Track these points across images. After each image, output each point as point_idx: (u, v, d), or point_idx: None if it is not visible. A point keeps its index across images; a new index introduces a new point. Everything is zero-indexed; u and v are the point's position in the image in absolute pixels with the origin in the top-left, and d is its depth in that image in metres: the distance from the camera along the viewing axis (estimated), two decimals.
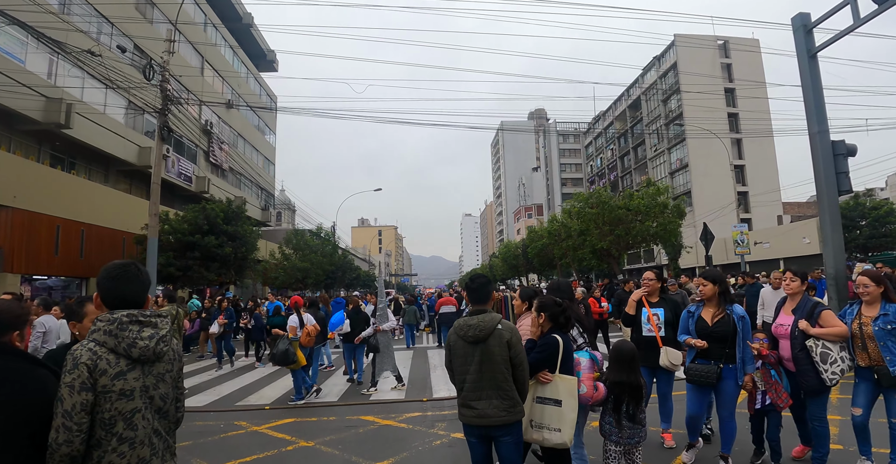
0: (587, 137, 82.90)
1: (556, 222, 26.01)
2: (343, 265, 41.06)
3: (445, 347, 3.29)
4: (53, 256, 16.48)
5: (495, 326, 3.08)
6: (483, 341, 3.07)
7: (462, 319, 3.21)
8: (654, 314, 4.94)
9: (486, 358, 3.06)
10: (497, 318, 3.13)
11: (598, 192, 21.96)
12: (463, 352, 3.13)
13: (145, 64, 15.39)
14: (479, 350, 3.07)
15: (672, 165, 56.65)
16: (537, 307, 3.48)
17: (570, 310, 3.50)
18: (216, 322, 11.68)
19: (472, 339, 3.08)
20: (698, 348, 4.23)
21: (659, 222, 19.68)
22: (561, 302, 3.48)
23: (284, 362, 7.82)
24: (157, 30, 26.02)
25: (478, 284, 3.31)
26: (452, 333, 3.22)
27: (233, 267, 18.96)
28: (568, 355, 3.37)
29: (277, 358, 7.74)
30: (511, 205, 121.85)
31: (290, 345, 7.86)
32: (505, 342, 3.07)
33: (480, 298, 3.28)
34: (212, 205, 18.52)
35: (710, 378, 4.12)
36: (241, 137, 38.39)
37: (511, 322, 3.42)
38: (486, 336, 3.06)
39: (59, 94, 18.85)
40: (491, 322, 3.09)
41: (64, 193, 17.15)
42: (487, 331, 3.06)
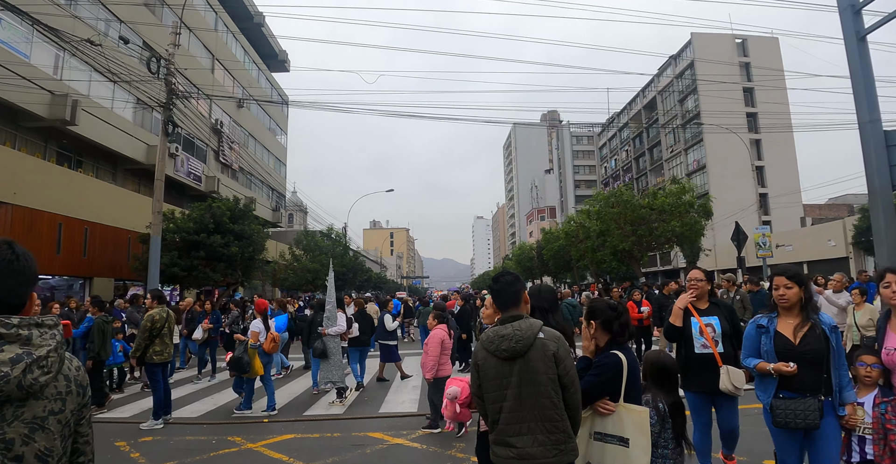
0: (601, 139, 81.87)
1: (574, 223, 25.15)
2: (354, 267, 40.45)
3: (472, 367, 2.53)
4: (55, 254, 15.97)
5: (536, 334, 2.34)
6: (522, 356, 2.33)
7: (491, 330, 2.45)
8: (708, 325, 3.91)
9: (528, 378, 2.32)
10: (537, 325, 2.39)
11: (619, 190, 21.04)
12: (496, 372, 2.37)
13: (149, 57, 14.87)
14: (516, 368, 2.33)
15: (689, 166, 55.54)
16: (587, 314, 2.72)
17: (626, 315, 2.72)
18: (200, 327, 10.74)
19: (508, 354, 2.34)
20: (786, 373, 3.01)
21: (684, 222, 18.74)
22: (616, 305, 2.71)
23: (238, 370, 7.20)
24: (168, 29, 25.61)
25: (503, 282, 2.55)
26: (480, 350, 2.46)
27: (239, 267, 18.33)
28: (635, 378, 2.60)
29: (232, 365, 7.17)
30: (523, 207, 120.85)
31: (245, 352, 7.23)
32: (550, 356, 2.32)
33: (508, 299, 2.53)
34: (218, 203, 17.93)
35: (812, 418, 2.95)
36: (252, 137, 37.99)
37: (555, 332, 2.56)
38: (525, 349, 2.32)
39: (64, 90, 18.43)
40: (529, 330, 2.35)
41: (67, 190, 16.65)
42: (526, 342, 2.32)
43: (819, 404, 2.97)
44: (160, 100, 15.15)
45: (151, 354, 6.73)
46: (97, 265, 17.95)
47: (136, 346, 6.74)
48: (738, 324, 3.95)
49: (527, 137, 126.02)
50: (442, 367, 6.18)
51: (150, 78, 15.99)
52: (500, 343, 2.35)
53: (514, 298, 2.52)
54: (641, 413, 2.53)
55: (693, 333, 3.93)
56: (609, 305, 2.69)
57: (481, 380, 2.43)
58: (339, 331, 8.04)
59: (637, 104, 67.25)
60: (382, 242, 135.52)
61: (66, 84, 18.88)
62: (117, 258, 18.75)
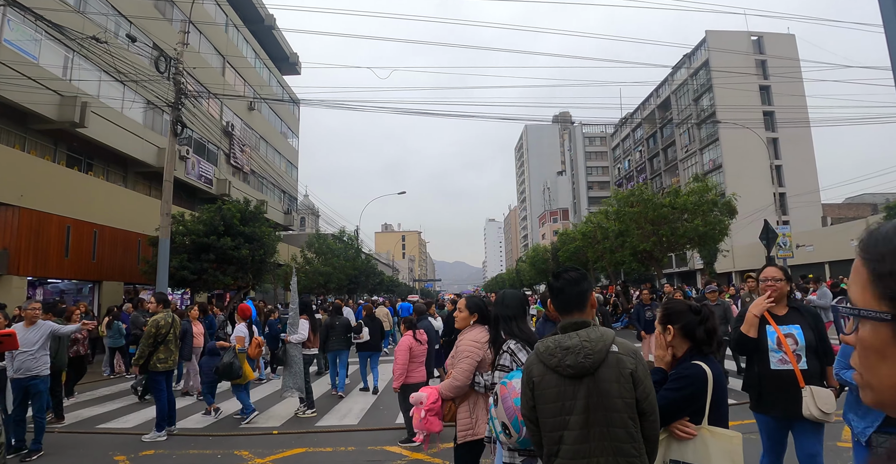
0: (614, 139, 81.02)
1: (591, 223, 24.53)
2: (367, 270, 40.08)
3: (523, 385, 2.03)
4: (63, 258, 15.69)
5: (608, 347, 1.86)
6: (591, 374, 1.84)
7: (551, 340, 1.96)
8: (788, 335, 3.15)
9: (598, 402, 1.83)
10: (609, 335, 1.90)
11: (638, 188, 20.41)
12: (556, 393, 1.88)
13: (157, 55, 14.58)
14: (583, 390, 1.85)
15: (705, 165, 54.65)
16: (662, 317, 2.23)
17: (712, 319, 2.20)
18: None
19: (573, 371, 1.86)
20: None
21: (708, 221, 18.05)
22: (699, 308, 2.20)
23: (228, 377, 6.89)
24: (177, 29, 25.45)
25: (567, 280, 2.06)
26: (535, 363, 1.98)
27: (250, 270, 17.96)
28: (722, 395, 2.09)
29: (221, 371, 6.83)
30: (536, 209, 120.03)
31: (236, 357, 6.91)
32: (628, 375, 1.83)
33: (572, 301, 2.03)
34: (228, 205, 17.57)
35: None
36: (264, 140, 37.81)
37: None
38: (595, 365, 1.84)
39: (73, 92, 18.24)
40: (601, 342, 1.87)
41: (75, 193, 16.39)
42: (598, 356, 1.84)
43: None
44: (169, 100, 14.84)
45: (155, 361, 6.31)
46: (107, 269, 17.67)
47: (139, 353, 6.32)
48: (824, 334, 3.22)
49: (538, 138, 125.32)
50: (411, 374, 5.90)
51: (159, 78, 15.70)
52: (564, 357, 1.86)
53: (578, 299, 2.02)
54: (731, 439, 2.02)
55: (769, 346, 3.17)
56: (691, 306, 2.18)
57: (536, 401, 1.92)
58: (301, 339, 7.66)
59: (651, 104, 66.43)
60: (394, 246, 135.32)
61: (75, 86, 18.70)
62: (127, 261, 18.47)
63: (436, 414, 3.36)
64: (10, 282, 13.75)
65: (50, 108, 17.44)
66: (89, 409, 8.29)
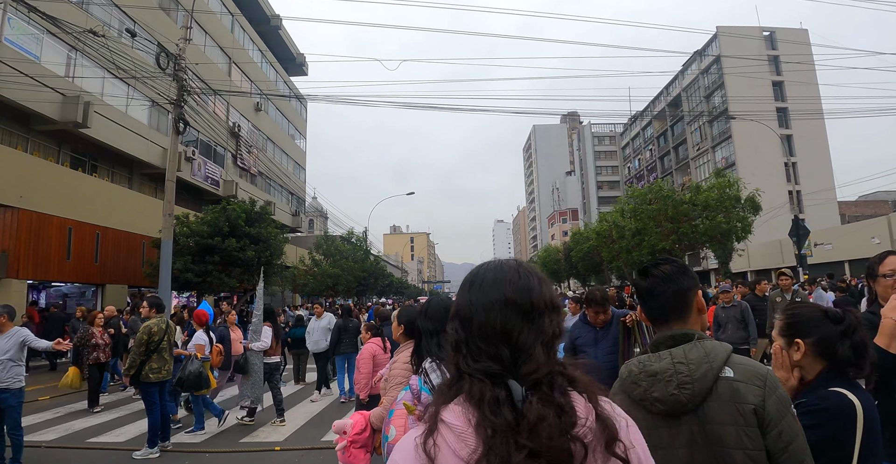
0: (624, 138, 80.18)
1: (606, 222, 23.83)
2: (375, 272, 39.57)
3: None
4: (65, 260, 15.30)
5: (717, 371, 1.28)
6: (694, 410, 1.28)
7: (636, 362, 1.38)
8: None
9: (707, 455, 1.26)
10: (720, 353, 1.31)
11: (657, 184, 19.72)
12: (649, 437, 1.18)
13: (158, 52, 14.15)
14: (683, 433, 1.28)
15: (717, 163, 53.77)
16: (787, 327, 1.64)
17: (861, 331, 1.59)
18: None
19: (664, 406, 1.29)
20: None
21: (731, 217, 17.35)
22: (841, 315, 1.61)
23: (197, 387, 6.44)
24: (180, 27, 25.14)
25: (658, 277, 1.44)
26: (616, 392, 1.39)
27: (256, 273, 17.51)
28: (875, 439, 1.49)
29: (189, 382, 6.40)
30: (545, 210, 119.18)
31: (203, 367, 6.52)
32: (749, 412, 1.24)
33: (667, 306, 1.42)
34: (233, 205, 17.13)
35: None
36: (271, 141, 37.47)
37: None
38: (697, 398, 1.27)
39: (76, 92, 17.88)
40: (705, 363, 1.28)
41: (77, 194, 16.01)
42: (700, 385, 1.27)
43: None
44: (171, 98, 14.40)
45: (147, 371, 5.80)
46: (110, 272, 17.28)
47: (129, 362, 5.80)
48: None
49: (547, 138, 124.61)
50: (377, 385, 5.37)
51: (163, 77, 15.28)
52: (651, 387, 1.29)
53: (677, 302, 1.41)
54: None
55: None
56: (828, 312, 1.60)
57: None
58: (263, 347, 7.27)
59: (661, 102, 65.58)
60: (403, 247, 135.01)
61: (78, 85, 18.35)
62: (131, 264, 18.07)
63: (362, 446, 2.72)
64: (9, 285, 13.35)
65: (52, 108, 17.09)
66: (82, 420, 7.81)
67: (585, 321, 4.15)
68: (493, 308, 0.94)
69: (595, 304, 4.00)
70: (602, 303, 3.99)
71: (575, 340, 4.13)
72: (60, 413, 8.38)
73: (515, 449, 0.81)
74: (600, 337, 3.98)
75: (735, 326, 6.72)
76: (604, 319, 4.01)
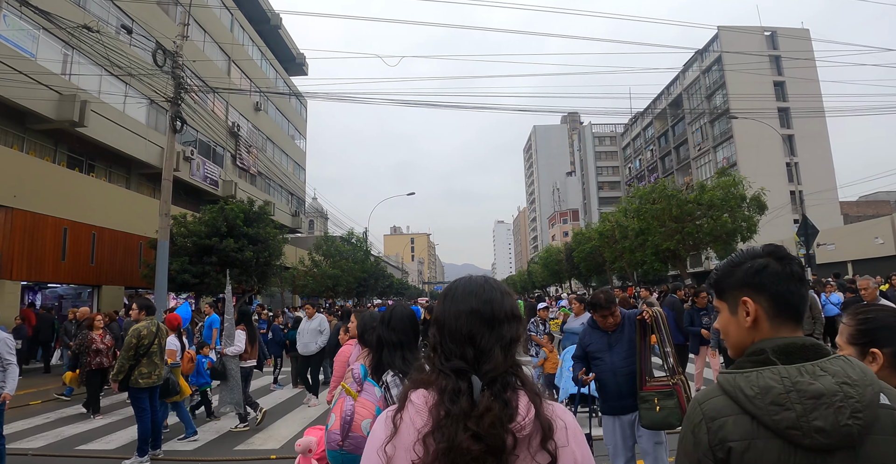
0: (624, 139, 80.00)
1: (609, 222, 23.56)
2: (376, 273, 39.33)
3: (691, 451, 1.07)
4: (60, 261, 15.06)
5: (877, 396, 1.01)
6: (853, 446, 0.98)
7: (772, 375, 1.04)
8: None
9: None
10: (871, 373, 1.04)
11: (661, 183, 19.45)
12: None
13: (155, 48, 13.92)
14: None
15: (718, 163, 53.60)
16: (860, 333, 1.35)
17: None
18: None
19: (829, 438, 0.98)
20: None
21: (736, 216, 17.08)
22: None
23: (166, 394, 6.19)
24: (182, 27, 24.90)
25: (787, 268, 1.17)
26: (730, 413, 1.05)
27: (255, 274, 17.28)
28: None
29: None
30: (545, 210, 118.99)
31: (171, 373, 6.26)
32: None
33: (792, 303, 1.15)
34: (231, 205, 16.89)
35: None
36: (271, 141, 37.24)
37: None
38: (868, 428, 0.98)
39: (72, 90, 17.66)
40: (868, 385, 1.01)
41: (72, 193, 15.76)
42: (869, 413, 0.98)
43: None
44: (168, 95, 14.17)
45: (137, 376, 5.55)
46: (106, 272, 17.04)
47: (117, 366, 5.55)
48: None
49: (547, 139, 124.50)
50: None
51: (161, 75, 15.05)
52: (811, 413, 0.98)
53: (802, 300, 1.17)
54: None
55: None
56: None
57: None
58: (237, 351, 7.00)
59: (661, 102, 65.39)
60: (403, 248, 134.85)
61: (75, 84, 18.13)
62: (128, 265, 17.83)
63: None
64: (2, 286, 13.13)
65: (48, 106, 16.87)
66: (73, 426, 7.57)
67: (595, 326, 3.87)
68: (461, 316, 1.13)
69: (601, 308, 3.72)
70: (608, 306, 3.73)
71: (586, 347, 3.85)
72: (51, 419, 8.14)
73: (463, 431, 1.01)
74: (614, 341, 3.71)
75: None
76: (614, 322, 3.76)
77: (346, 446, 2.04)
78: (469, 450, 0.99)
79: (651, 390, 3.50)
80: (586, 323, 4.00)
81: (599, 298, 3.76)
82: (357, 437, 2.03)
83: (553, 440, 1.02)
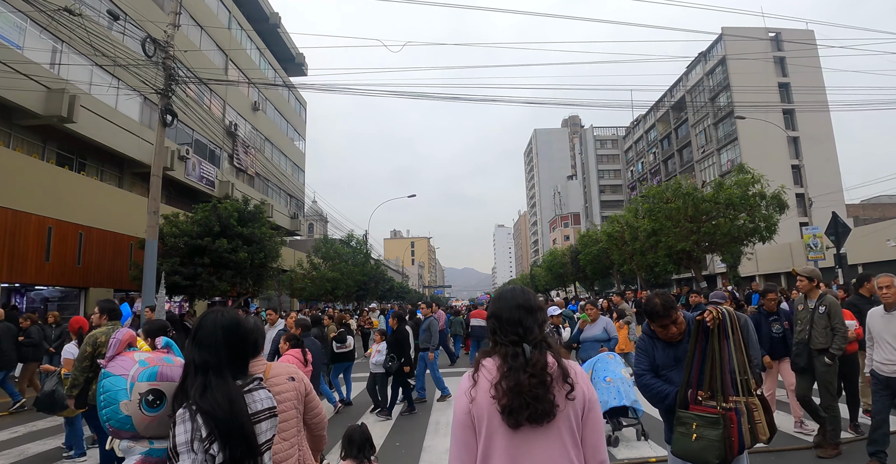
0: (626, 141, 79.43)
1: (618, 223, 22.78)
2: (376, 276, 38.54)
3: None
4: (44, 262, 14.28)
5: None
6: None
7: None
8: None
9: None
10: None
11: (676, 181, 18.67)
12: None
13: (145, 37, 13.21)
14: None
15: (723, 166, 53.03)
16: None
17: None
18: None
19: None
20: None
21: (758, 215, 16.28)
22: None
23: (50, 409, 5.47)
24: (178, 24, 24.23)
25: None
26: None
27: (250, 276, 16.50)
28: None
29: (41, 402, 5.47)
30: (546, 214, 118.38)
31: (60, 384, 5.45)
32: None
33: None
34: (225, 203, 16.12)
35: None
36: (269, 142, 36.54)
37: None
38: None
39: (61, 85, 16.95)
40: None
41: (58, 191, 14.97)
42: None
43: None
44: (159, 87, 13.45)
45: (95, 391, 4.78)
46: (94, 274, 16.26)
47: (71, 379, 4.75)
48: None
49: (548, 142, 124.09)
50: None
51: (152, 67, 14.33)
52: None
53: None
54: None
55: None
56: None
57: None
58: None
59: (664, 104, 64.81)
60: (404, 252, 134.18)
61: (64, 78, 17.43)
62: (117, 266, 17.05)
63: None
64: None
65: (35, 101, 16.16)
66: (40, 442, 6.80)
67: (654, 336, 3.06)
68: (512, 309, 1.77)
69: (659, 316, 2.91)
70: (667, 313, 2.89)
71: (654, 363, 3.06)
72: (19, 433, 7.38)
73: (524, 374, 1.61)
74: (682, 354, 2.94)
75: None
76: (678, 331, 2.95)
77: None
78: (529, 385, 1.59)
79: (696, 411, 2.73)
80: (644, 331, 3.19)
81: (654, 304, 2.93)
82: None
83: (571, 377, 1.67)
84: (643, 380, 3.05)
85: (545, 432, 1.59)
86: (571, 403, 1.62)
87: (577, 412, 1.64)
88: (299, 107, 44.27)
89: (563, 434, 1.60)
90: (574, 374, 1.66)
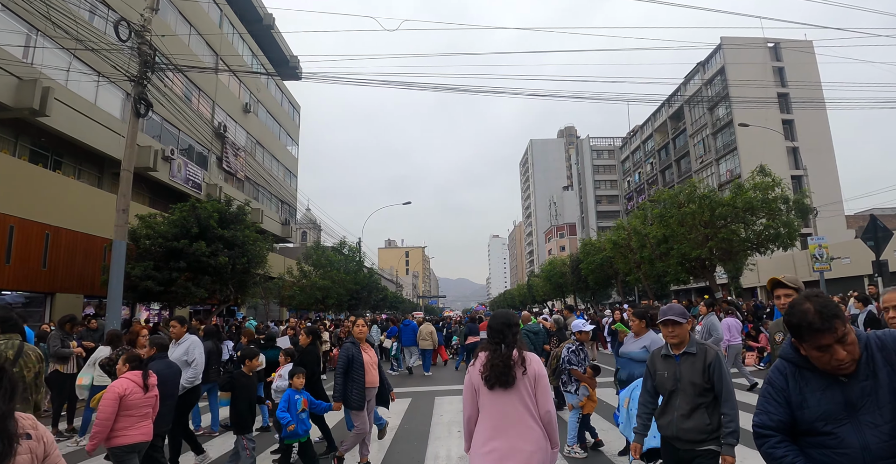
0: (623, 152, 78.88)
1: (624, 230, 21.69)
2: (369, 285, 37.27)
3: None
4: (4, 264, 13.04)
5: None
6: None
7: None
8: None
9: None
10: None
11: (690, 184, 17.62)
12: None
13: (118, 19, 12.14)
14: None
15: (721, 176, 52.41)
16: None
17: None
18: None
19: None
20: None
21: (779, 221, 15.24)
22: None
23: None
24: (166, 21, 23.27)
25: None
26: None
27: (231, 282, 15.26)
28: None
29: None
30: (541, 225, 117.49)
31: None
32: None
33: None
34: (204, 203, 14.92)
35: None
36: (260, 145, 35.42)
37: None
38: None
39: (34, 76, 15.84)
40: None
41: (21, 187, 13.73)
42: None
43: None
44: (133, 74, 12.35)
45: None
46: (61, 278, 14.99)
47: None
48: None
49: (544, 153, 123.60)
50: (124, 431, 4.00)
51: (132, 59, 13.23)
52: None
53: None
54: None
55: None
56: None
57: None
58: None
59: (662, 114, 64.35)
60: (398, 261, 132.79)
61: (38, 69, 16.32)
62: (88, 270, 15.78)
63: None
64: None
65: (5, 92, 15.03)
66: None
67: (806, 366, 1.88)
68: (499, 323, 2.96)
69: (814, 331, 1.75)
70: (826, 327, 1.73)
71: (796, 409, 1.86)
72: None
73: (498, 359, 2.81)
74: (857, 396, 1.77)
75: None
76: (850, 358, 1.76)
77: None
78: (500, 365, 2.77)
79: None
80: (784, 358, 1.95)
81: (805, 312, 1.77)
82: None
83: (525, 363, 2.82)
84: (767, 447, 1.88)
85: (510, 392, 2.75)
86: (526, 376, 2.78)
87: (531, 381, 2.79)
88: (293, 110, 43.25)
89: (522, 393, 2.75)
90: (527, 361, 2.83)
